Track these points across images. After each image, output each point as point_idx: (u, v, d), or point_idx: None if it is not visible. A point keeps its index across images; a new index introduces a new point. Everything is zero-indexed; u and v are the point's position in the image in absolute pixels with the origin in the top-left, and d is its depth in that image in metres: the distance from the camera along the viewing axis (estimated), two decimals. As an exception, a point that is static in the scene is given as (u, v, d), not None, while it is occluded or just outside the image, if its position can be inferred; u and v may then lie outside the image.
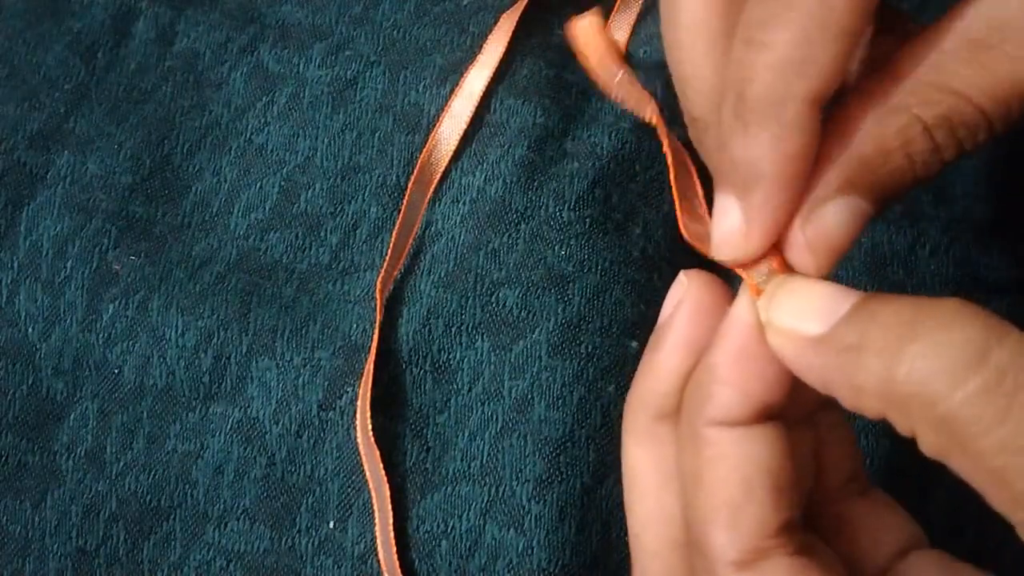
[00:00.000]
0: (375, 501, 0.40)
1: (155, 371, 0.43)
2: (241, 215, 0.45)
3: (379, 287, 0.42)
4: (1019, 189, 0.44)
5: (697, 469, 0.26)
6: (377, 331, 0.42)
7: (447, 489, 0.40)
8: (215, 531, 0.41)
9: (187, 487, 0.41)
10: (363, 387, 0.41)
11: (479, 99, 0.45)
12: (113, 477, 0.42)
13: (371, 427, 0.40)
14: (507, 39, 0.46)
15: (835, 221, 0.26)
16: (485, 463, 0.41)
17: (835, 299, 0.25)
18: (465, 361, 0.42)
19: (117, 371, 0.43)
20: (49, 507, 0.41)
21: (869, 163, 0.26)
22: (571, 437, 0.40)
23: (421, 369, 0.42)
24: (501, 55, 0.46)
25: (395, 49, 0.47)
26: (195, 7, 0.49)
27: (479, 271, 0.43)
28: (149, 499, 0.41)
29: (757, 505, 0.25)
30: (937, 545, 0.28)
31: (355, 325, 0.43)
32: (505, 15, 0.47)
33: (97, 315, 0.43)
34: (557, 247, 0.43)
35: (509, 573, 0.39)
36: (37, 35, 0.48)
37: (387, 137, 0.46)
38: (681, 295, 0.28)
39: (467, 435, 0.41)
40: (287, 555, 0.40)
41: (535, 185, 0.44)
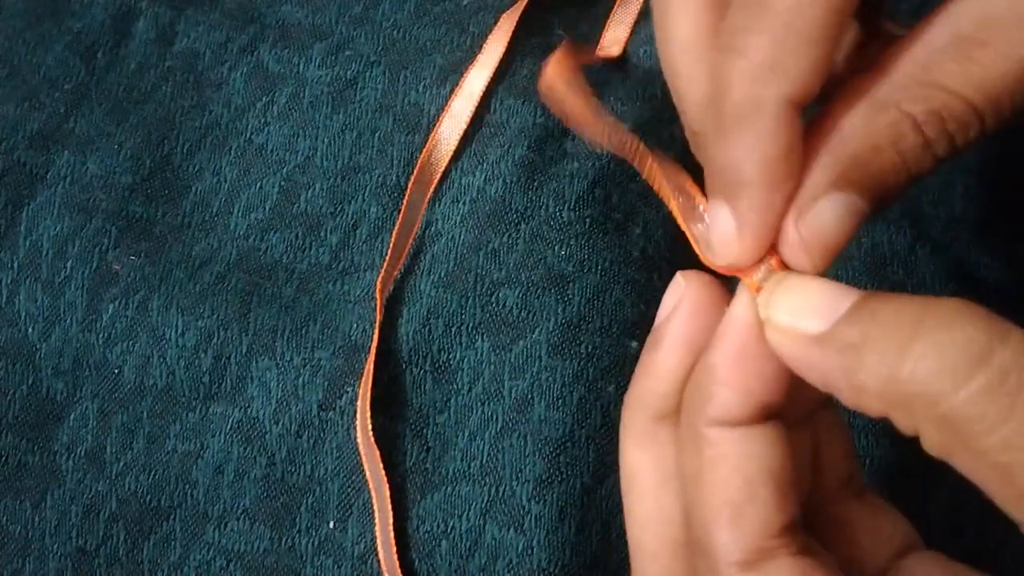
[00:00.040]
0: (375, 501, 0.40)
1: (155, 371, 0.43)
2: (241, 215, 0.45)
3: (379, 287, 0.42)
4: (1018, 189, 0.44)
5: (698, 470, 0.26)
6: (377, 331, 0.42)
7: (447, 489, 0.40)
8: (215, 531, 0.41)
9: (187, 487, 0.41)
10: (363, 387, 0.41)
11: (479, 99, 0.45)
12: (113, 477, 0.42)
13: (371, 427, 0.40)
14: (507, 39, 0.46)
15: (829, 218, 0.26)
16: (485, 463, 0.41)
17: (835, 297, 0.25)
18: (465, 361, 0.42)
19: (117, 371, 0.43)
20: (49, 507, 0.41)
21: (860, 159, 0.26)
22: (571, 437, 0.40)
23: (421, 369, 0.42)
24: (501, 55, 0.46)
25: (395, 49, 0.47)
26: (195, 7, 0.49)
27: (479, 271, 0.43)
28: (149, 499, 0.41)
29: (760, 505, 0.25)
30: (937, 545, 0.28)
31: (355, 325, 0.43)
32: (505, 15, 0.47)
33: (97, 315, 0.43)
34: (557, 247, 0.43)
35: (509, 573, 0.39)
36: (37, 35, 0.48)
37: (387, 137, 0.46)
38: (678, 296, 0.28)
39: (467, 435, 0.41)
40: (287, 555, 0.40)
41: (535, 185, 0.44)
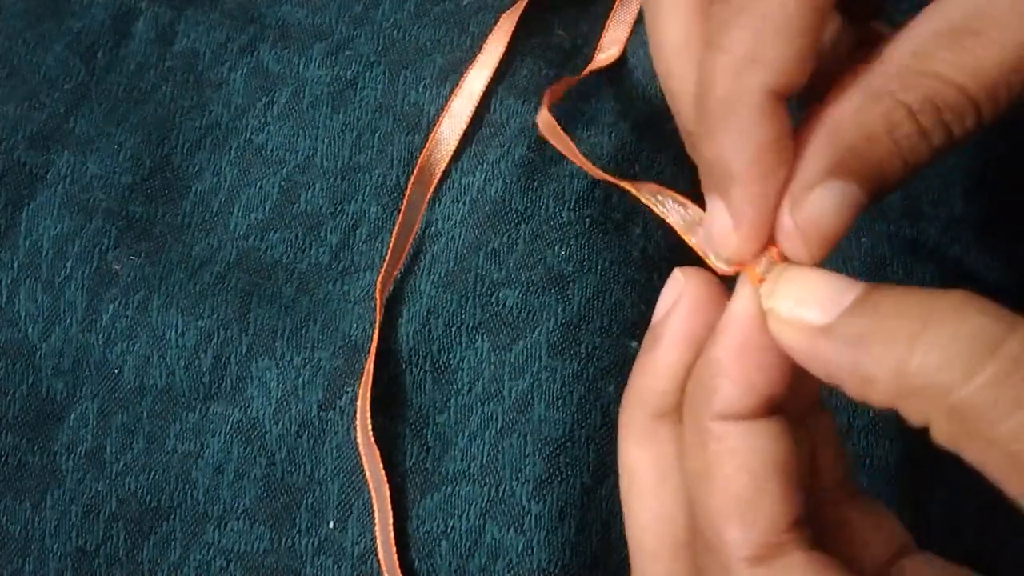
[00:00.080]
0: (375, 501, 0.40)
1: (155, 371, 0.43)
2: (241, 215, 0.45)
3: (379, 287, 0.42)
4: (1018, 189, 0.44)
5: (704, 465, 0.26)
6: (377, 331, 0.42)
7: (447, 489, 0.40)
8: (215, 531, 0.41)
9: (187, 487, 0.41)
10: (363, 387, 0.41)
11: (479, 99, 0.45)
12: (113, 477, 0.41)
13: (371, 427, 0.40)
14: (507, 39, 0.46)
15: (825, 206, 0.26)
16: (485, 463, 0.40)
17: (838, 288, 0.25)
18: (465, 361, 0.42)
19: (117, 371, 0.43)
20: (49, 507, 0.41)
21: (855, 148, 0.26)
22: (571, 437, 0.40)
23: (421, 369, 0.42)
24: (501, 55, 0.46)
25: (395, 49, 0.47)
26: (195, 7, 0.49)
27: (479, 271, 0.43)
28: (149, 499, 0.41)
29: (769, 499, 0.25)
30: (937, 545, 0.28)
31: (355, 325, 0.43)
32: (505, 15, 0.47)
33: (97, 315, 0.43)
34: (557, 247, 0.43)
35: (509, 573, 0.39)
36: (37, 35, 0.48)
37: (387, 137, 0.46)
38: (677, 292, 0.28)
39: (467, 435, 0.41)
40: (287, 555, 0.40)
41: (535, 185, 0.44)
